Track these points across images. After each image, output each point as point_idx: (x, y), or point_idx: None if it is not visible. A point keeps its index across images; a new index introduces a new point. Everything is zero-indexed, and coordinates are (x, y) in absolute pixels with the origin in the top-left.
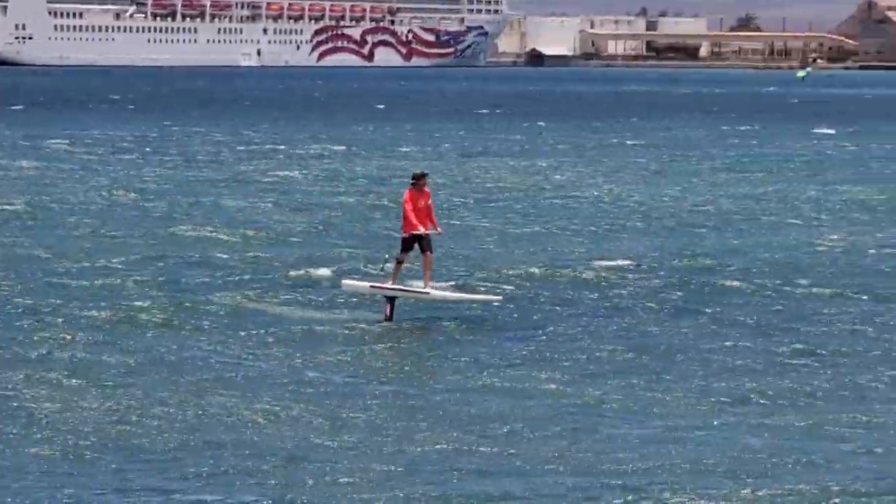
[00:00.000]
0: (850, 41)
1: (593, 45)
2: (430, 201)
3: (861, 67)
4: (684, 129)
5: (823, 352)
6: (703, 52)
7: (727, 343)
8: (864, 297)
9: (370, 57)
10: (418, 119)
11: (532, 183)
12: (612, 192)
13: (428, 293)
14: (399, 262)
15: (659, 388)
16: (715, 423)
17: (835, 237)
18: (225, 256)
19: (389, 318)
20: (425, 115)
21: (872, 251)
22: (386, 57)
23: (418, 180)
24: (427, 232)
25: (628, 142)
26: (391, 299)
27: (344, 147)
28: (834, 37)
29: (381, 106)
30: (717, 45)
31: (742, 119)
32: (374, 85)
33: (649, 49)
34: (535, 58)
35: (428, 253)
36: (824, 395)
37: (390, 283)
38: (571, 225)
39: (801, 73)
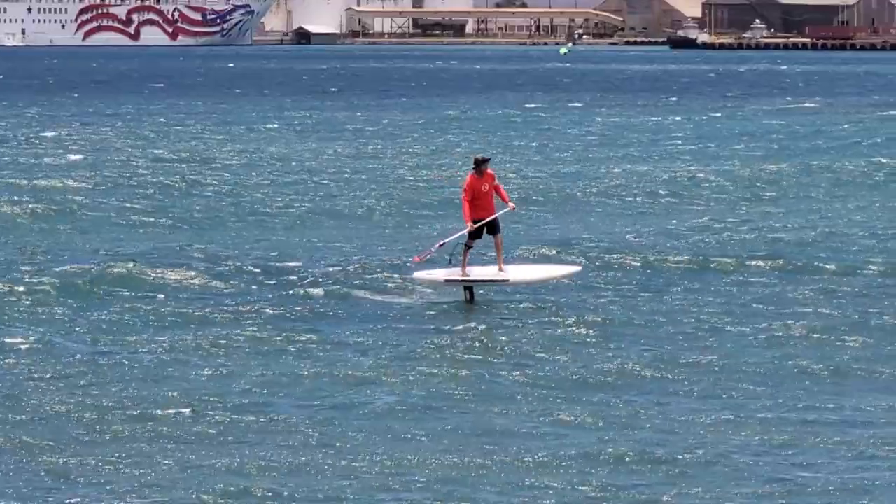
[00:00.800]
0: (616, 17)
1: (360, 23)
2: (495, 182)
3: (627, 43)
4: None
5: None
6: (470, 29)
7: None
8: None
9: (136, 36)
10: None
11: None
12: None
13: (507, 280)
14: (467, 248)
15: None
16: None
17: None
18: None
19: (470, 302)
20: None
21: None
22: (152, 36)
23: (479, 165)
24: (493, 216)
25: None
26: (468, 288)
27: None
28: (600, 13)
29: (157, 85)
30: (484, 21)
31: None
32: (146, 63)
33: (416, 27)
34: (302, 36)
35: (498, 235)
36: None
37: (461, 272)
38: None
39: (563, 49)
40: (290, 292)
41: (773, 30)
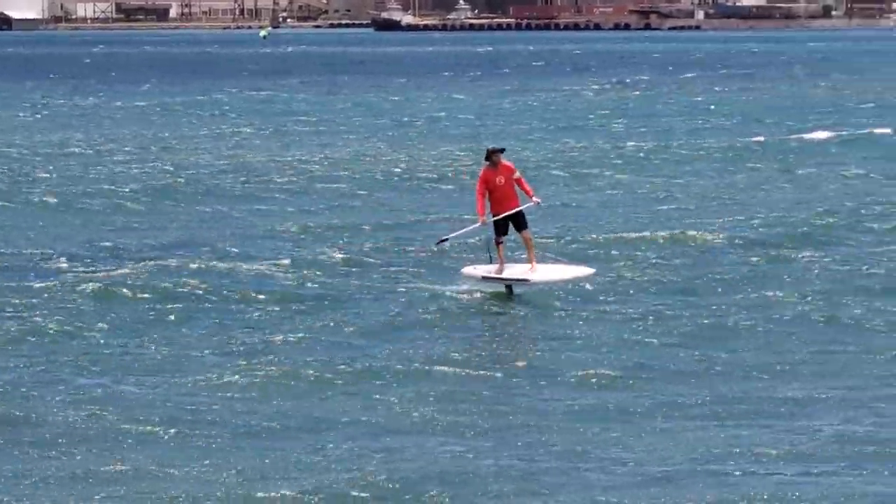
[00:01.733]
0: (320, 0)
1: (62, 8)
2: (515, 175)
3: (331, 26)
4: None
5: None
6: (174, 13)
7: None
8: None
9: None
10: None
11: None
12: None
13: (527, 280)
14: (499, 244)
15: None
16: None
17: None
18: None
19: (509, 294)
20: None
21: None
22: None
23: (490, 156)
24: (514, 210)
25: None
26: (507, 284)
27: None
28: None
29: None
30: (187, 5)
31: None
32: None
33: (119, 11)
34: (4, 22)
35: (525, 231)
36: None
37: (497, 267)
38: None
39: (263, 33)
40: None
41: (476, 10)
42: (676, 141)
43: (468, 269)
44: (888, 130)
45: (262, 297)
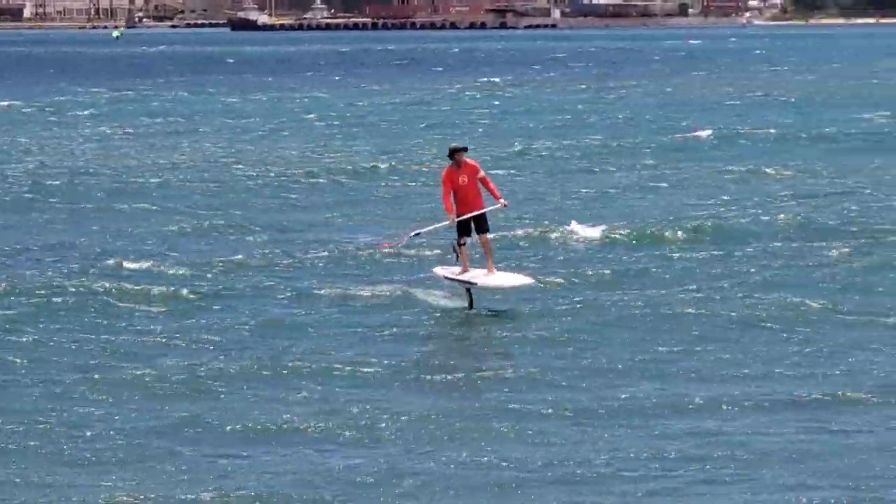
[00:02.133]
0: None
1: None
2: (480, 174)
3: (188, 25)
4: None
5: None
6: (28, 12)
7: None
8: None
9: None
10: None
11: None
12: None
13: (475, 283)
14: (461, 245)
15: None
16: None
17: None
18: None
19: (470, 307)
20: None
21: None
22: None
23: (453, 154)
24: (478, 212)
25: None
26: (467, 287)
27: None
28: None
29: None
30: (41, 5)
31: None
32: None
33: None
34: None
35: (484, 235)
36: None
37: (460, 269)
38: None
39: (115, 33)
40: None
41: (332, 10)
42: (546, 141)
43: (438, 270)
44: (750, 129)
45: (145, 296)
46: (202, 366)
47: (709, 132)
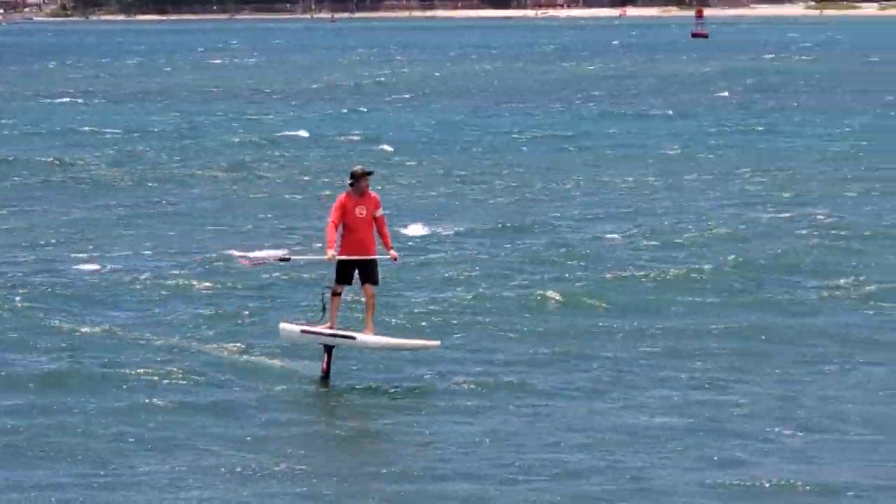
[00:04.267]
0: None
1: None
2: (380, 211)
3: None
4: None
5: None
6: None
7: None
8: None
9: None
10: None
11: None
12: None
13: (354, 338)
14: (336, 295)
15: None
16: None
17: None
18: None
19: (326, 374)
20: None
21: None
22: None
23: (358, 180)
24: (371, 256)
25: None
26: (328, 348)
27: None
28: None
29: None
30: None
31: None
32: None
33: None
34: None
35: (369, 286)
36: None
37: (327, 325)
38: None
39: None
40: None
41: None
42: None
43: (285, 326)
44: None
45: None
46: None
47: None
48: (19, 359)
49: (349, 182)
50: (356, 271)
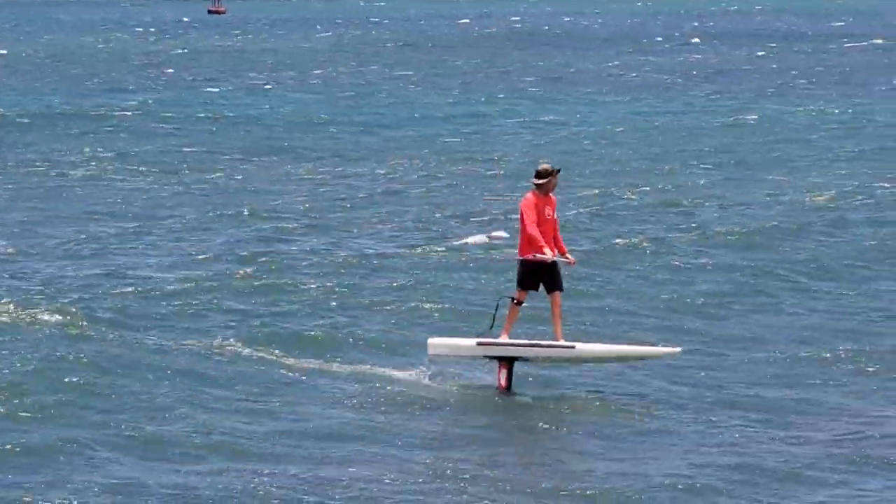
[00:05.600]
0: None
1: None
2: (555, 213)
3: None
4: None
5: None
6: None
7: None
8: None
9: None
10: None
11: None
12: None
13: (573, 347)
14: (517, 304)
15: None
16: None
17: None
18: None
19: (506, 388)
20: None
21: None
22: None
23: (544, 178)
24: (554, 258)
25: None
26: (508, 361)
27: None
28: None
29: None
30: None
31: None
32: None
33: None
34: None
35: (557, 292)
36: None
37: (504, 336)
38: None
39: None
40: None
41: None
42: None
43: (438, 341)
44: None
45: None
46: None
47: None
48: None
49: (535, 180)
50: (542, 276)
